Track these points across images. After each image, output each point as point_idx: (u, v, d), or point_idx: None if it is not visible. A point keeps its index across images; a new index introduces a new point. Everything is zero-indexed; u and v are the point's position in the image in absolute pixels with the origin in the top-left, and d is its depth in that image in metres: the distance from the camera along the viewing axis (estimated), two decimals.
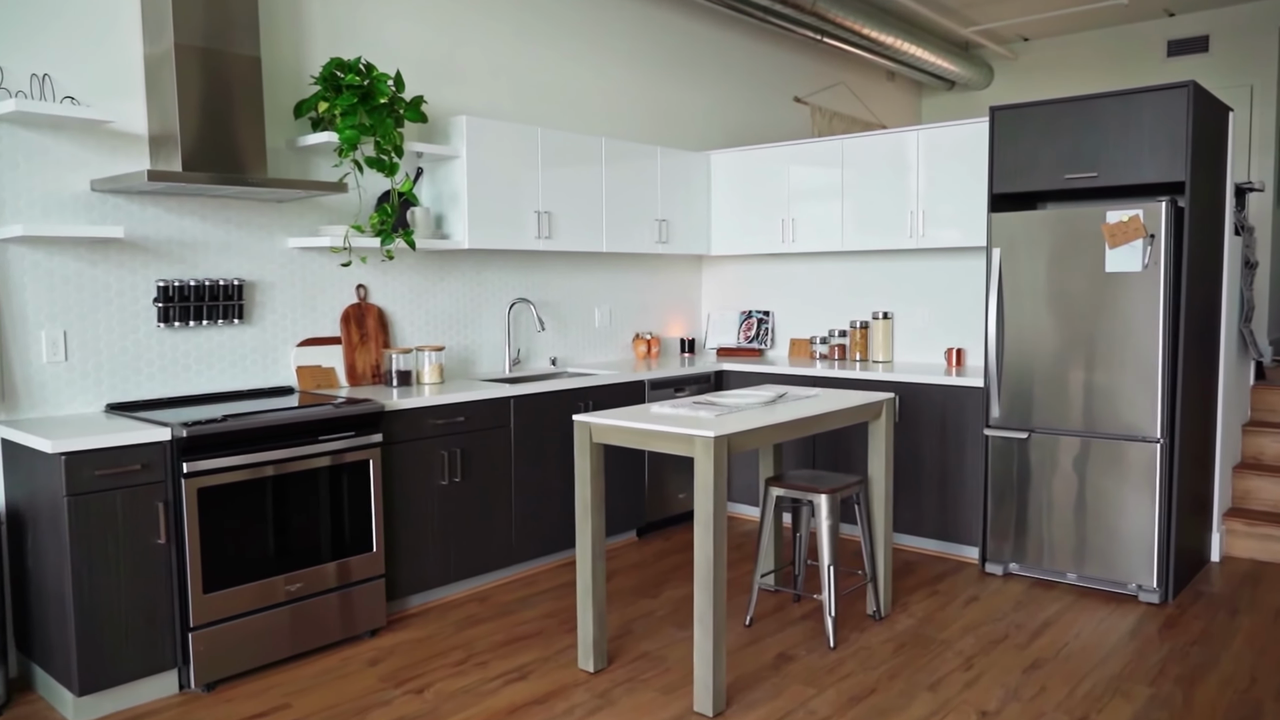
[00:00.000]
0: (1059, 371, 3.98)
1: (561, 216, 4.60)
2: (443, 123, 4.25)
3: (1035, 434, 4.06)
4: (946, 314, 4.96)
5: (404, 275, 4.32)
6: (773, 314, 5.65)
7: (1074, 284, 3.92)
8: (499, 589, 4.05)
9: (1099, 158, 3.90)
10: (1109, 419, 3.88)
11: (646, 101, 5.53)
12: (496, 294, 4.73)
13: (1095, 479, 3.93)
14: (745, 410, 3.22)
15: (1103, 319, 3.86)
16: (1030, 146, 4.06)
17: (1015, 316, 4.09)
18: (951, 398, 4.37)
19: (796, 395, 3.65)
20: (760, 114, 6.39)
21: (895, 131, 4.78)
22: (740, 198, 5.40)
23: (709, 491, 2.80)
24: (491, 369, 4.72)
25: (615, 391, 4.56)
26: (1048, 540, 4.05)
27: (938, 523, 4.46)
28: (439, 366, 4.19)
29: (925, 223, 4.69)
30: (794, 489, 3.46)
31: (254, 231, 3.77)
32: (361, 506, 3.47)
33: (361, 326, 4.12)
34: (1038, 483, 4.07)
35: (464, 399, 3.85)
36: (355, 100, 3.66)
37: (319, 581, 3.35)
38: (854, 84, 7.35)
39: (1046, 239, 3.98)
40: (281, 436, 3.22)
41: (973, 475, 4.34)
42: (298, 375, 3.90)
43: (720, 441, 2.82)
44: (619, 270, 5.39)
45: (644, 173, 5.05)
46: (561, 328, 5.08)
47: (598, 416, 3.14)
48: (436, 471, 3.79)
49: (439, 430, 3.79)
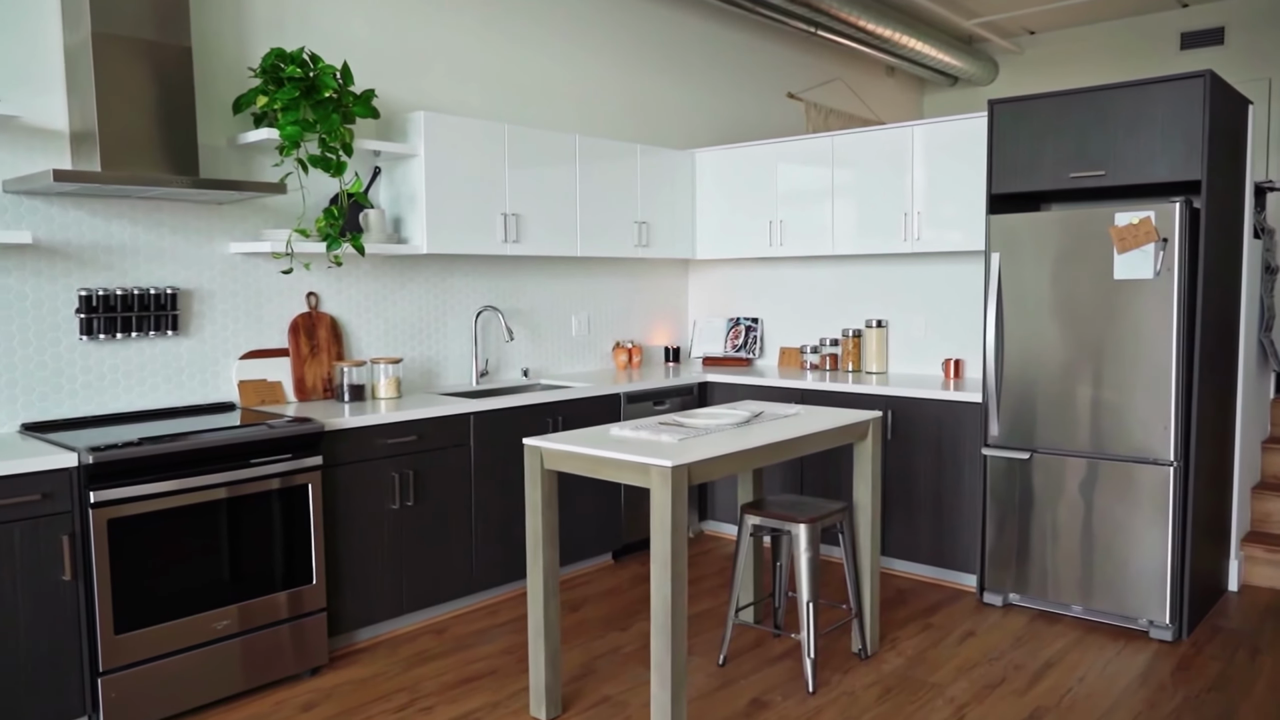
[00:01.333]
0: (1063, 387, 3.67)
1: (531, 219, 4.31)
2: (401, 119, 3.97)
3: (1038, 454, 3.75)
4: (945, 322, 4.65)
5: (360, 282, 4.04)
6: (762, 321, 5.35)
7: (1080, 292, 3.61)
8: (458, 620, 3.77)
9: (1107, 155, 3.59)
10: (1118, 439, 3.56)
11: (627, 97, 5.24)
12: (463, 301, 4.45)
13: (1103, 504, 3.61)
14: (713, 434, 2.93)
15: (1111, 330, 3.55)
16: (1032, 143, 3.75)
17: (1016, 327, 3.78)
18: (947, 413, 4.06)
19: (775, 414, 3.35)
20: (751, 111, 6.09)
21: (890, 128, 4.47)
22: (726, 198, 5.11)
23: (665, 528, 2.50)
24: (458, 381, 4.44)
25: (588, 405, 4.27)
26: (1051, 570, 3.74)
27: (933, 548, 4.16)
28: (396, 380, 3.90)
29: (922, 225, 4.38)
30: (771, 517, 3.16)
31: (191, 236, 3.50)
32: (300, 535, 3.18)
33: (312, 337, 3.84)
34: (1040, 507, 3.76)
35: (417, 416, 3.57)
36: (297, 94, 3.38)
37: (250, 618, 3.07)
38: (851, 80, 7.04)
39: (1050, 243, 3.67)
40: (205, 461, 2.94)
41: (970, 498, 4.03)
42: (240, 391, 3.62)
43: (679, 472, 2.52)
44: (598, 275, 5.10)
45: (622, 172, 4.76)
46: (535, 337, 4.80)
47: (549, 440, 2.85)
48: (387, 495, 3.51)
49: (389, 450, 3.50)
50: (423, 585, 3.65)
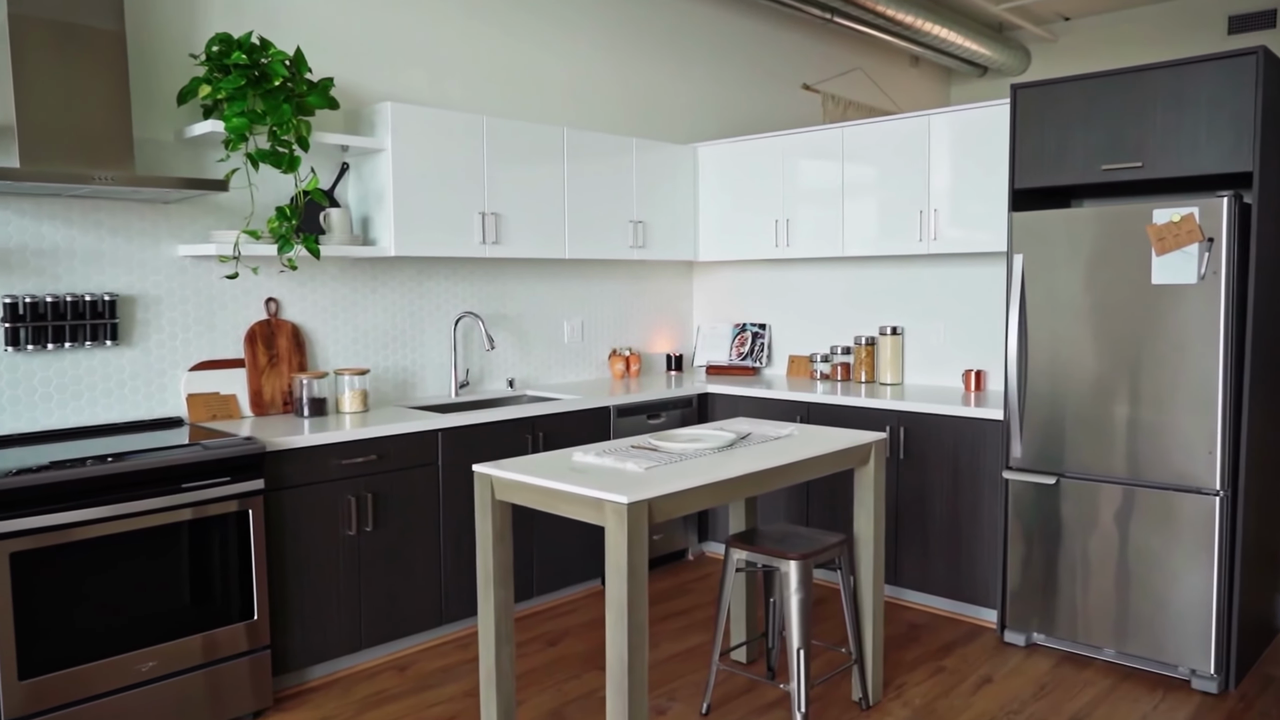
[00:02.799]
0: (1094, 405, 3.28)
1: (513, 219, 4.00)
2: (369, 112, 3.68)
3: (1066, 480, 3.37)
4: (965, 330, 4.27)
5: (326, 286, 3.75)
6: (769, 327, 5.00)
7: (1113, 298, 3.22)
8: (424, 654, 3.46)
9: (1144, 144, 3.19)
10: (1156, 464, 3.17)
11: (624, 89, 4.91)
12: (442, 307, 4.14)
13: (1139, 536, 3.22)
14: (688, 461, 2.59)
15: (1149, 341, 3.16)
16: (1060, 132, 3.37)
17: (1041, 337, 3.40)
18: (966, 431, 3.68)
19: (765, 435, 3.00)
20: (761, 103, 5.73)
21: (905, 117, 4.10)
22: (730, 196, 4.76)
23: (621, 572, 2.17)
24: (437, 393, 4.14)
25: (573, 420, 3.95)
26: (1081, 608, 3.35)
27: (950, 579, 3.78)
28: (362, 393, 3.61)
29: (940, 224, 4.00)
30: (759, 552, 2.82)
31: (134, 238, 3.23)
32: (239, 566, 2.90)
33: (271, 347, 3.56)
34: (1069, 538, 3.37)
35: (376, 433, 3.27)
36: (243, 83, 3.09)
37: (180, 658, 2.78)
38: (873, 70, 6.65)
39: (1079, 243, 3.28)
40: (126, 486, 2.66)
41: (991, 525, 3.65)
42: (189, 405, 3.35)
43: (637, 509, 2.19)
44: (592, 278, 4.78)
45: (616, 168, 4.43)
46: (523, 345, 4.48)
47: (500, 468, 2.53)
48: (342, 520, 3.21)
49: (345, 471, 3.21)
50: (384, 618, 3.35)
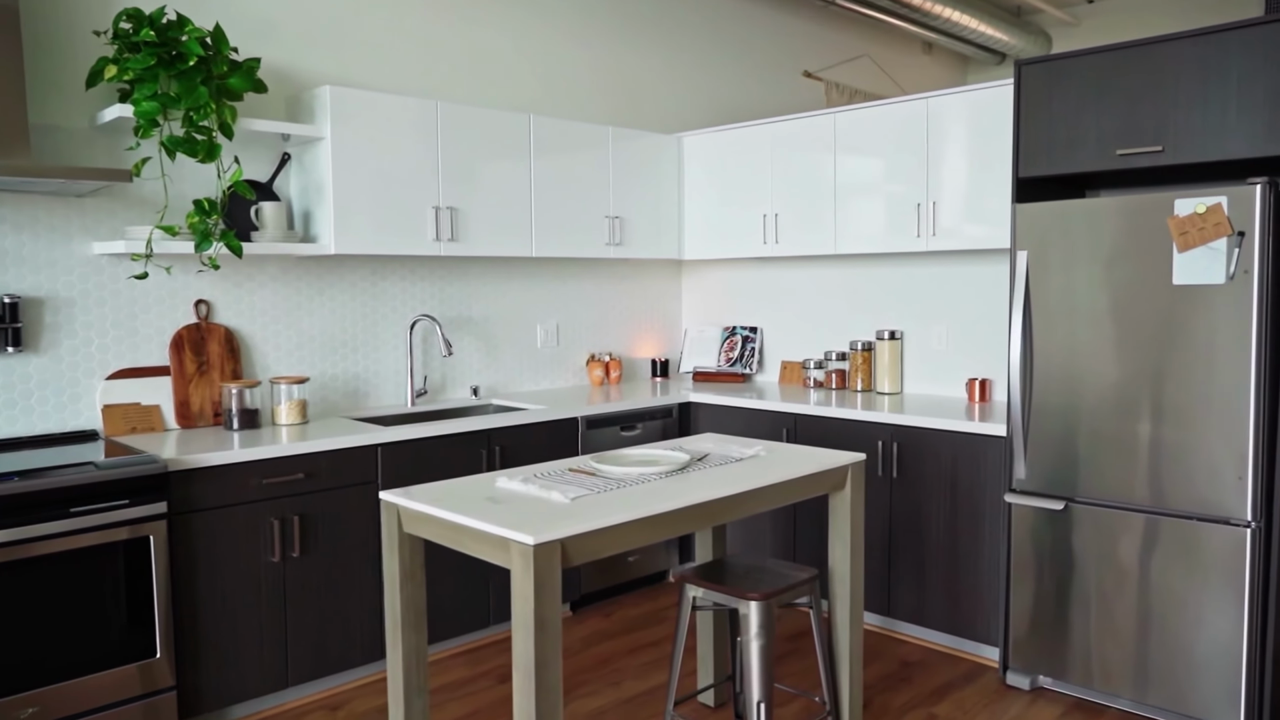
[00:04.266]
0: (1108, 422, 2.90)
1: (471, 214, 3.68)
2: (309, 97, 3.38)
3: (1075, 505, 2.99)
4: (969, 334, 3.89)
5: (266, 287, 3.45)
6: (761, 331, 4.64)
7: (1129, 300, 2.84)
8: (360, 692, 3.15)
9: (1165, 125, 2.81)
10: (1179, 490, 2.78)
11: (602, 74, 4.57)
12: (399, 309, 3.84)
13: (1160, 572, 2.84)
14: (630, 487, 2.25)
15: (1170, 349, 2.78)
16: (1070, 113, 2.99)
17: (1048, 344, 3.02)
18: (965, 447, 3.31)
19: (727, 456, 2.66)
20: (756, 91, 5.37)
21: (903, 101, 3.73)
22: (717, 189, 4.41)
23: (527, 625, 1.84)
24: (393, 403, 3.83)
25: (538, 432, 3.62)
26: (1094, 650, 2.97)
27: (948, 612, 3.41)
28: (300, 403, 3.31)
29: (939, 218, 3.63)
30: (715, 589, 2.47)
31: (41, 234, 2.95)
32: (138, 598, 2.60)
33: (200, 353, 3.27)
34: (1081, 571, 2.99)
35: (305, 449, 2.96)
36: (153, 62, 2.80)
37: (67, 703, 2.49)
38: (882, 57, 6.27)
39: (1091, 238, 2.91)
40: (3, 512, 2.37)
41: (993, 553, 3.28)
42: (105, 417, 3.06)
43: (546, 551, 1.86)
44: (569, 278, 4.45)
45: (591, 159, 4.10)
46: (490, 350, 4.16)
47: (408, 496, 2.20)
48: (264, 546, 2.91)
49: (269, 491, 2.91)
50: (314, 652, 3.05)
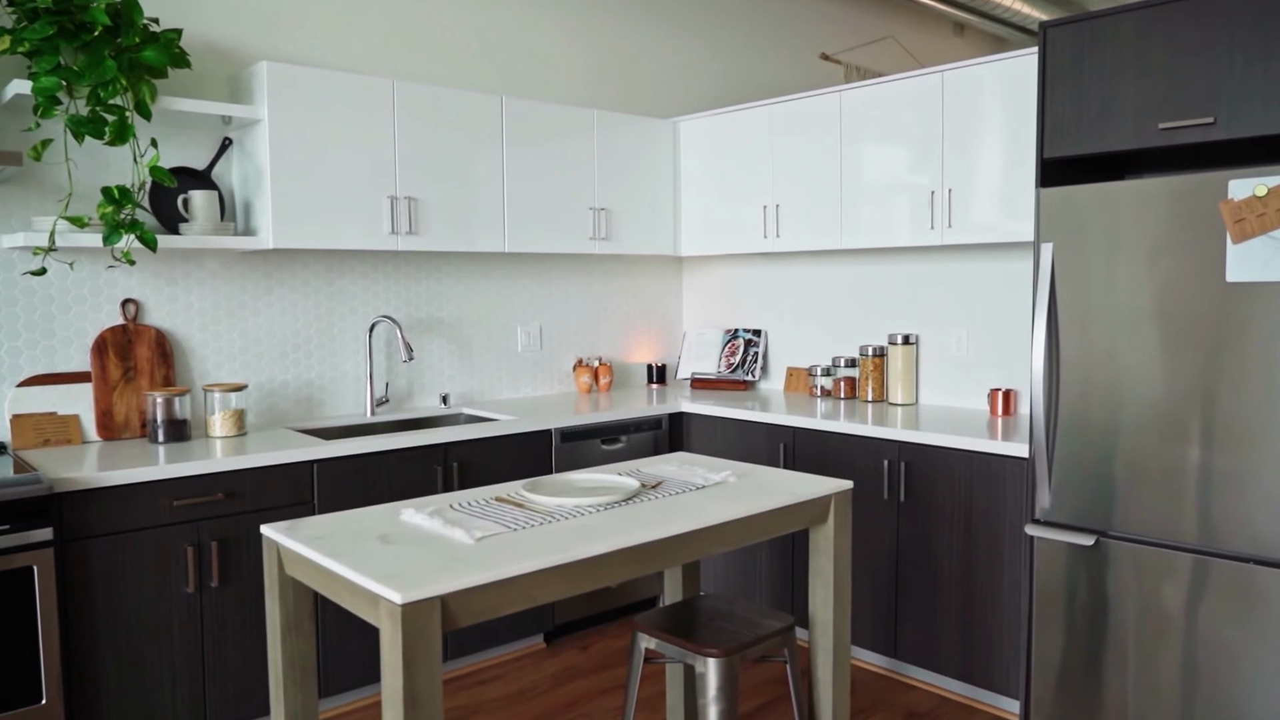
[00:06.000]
0: (1149, 442, 2.46)
1: (434, 205, 3.34)
2: (246, 74, 3.06)
3: (1108, 541, 2.55)
4: (993, 339, 3.46)
5: (205, 285, 3.15)
6: (766, 334, 4.24)
7: (1175, 300, 2.40)
8: None
9: (1218, 93, 2.37)
10: (1234, 526, 2.34)
11: (589, 52, 4.20)
12: (359, 309, 3.51)
13: (1208, 622, 2.39)
14: (557, 523, 1.88)
15: (1224, 358, 2.33)
16: (1104, 82, 2.55)
17: (1077, 351, 2.59)
18: (982, 469, 2.89)
19: (688, 482, 2.28)
20: (769, 75, 4.96)
21: (914, 75, 3.31)
22: (713, 178, 4.02)
23: (395, 702, 1.48)
24: (352, 411, 3.51)
25: (504, 446, 3.27)
26: (1131, 709, 2.53)
27: (962, 657, 2.99)
28: (236, 413, 2.99)
29: (954, 207, 3.21)
30: (669, 641, 2.09)
31: None
32: (21, 636, 2.29)
33: (127, 358, 2.97)
34: (1116, 618, 2.55)
35: (227, 466, 2.64)
36: (53, 31, 2.50)
37: None
38: (907, 39, 5.82)
39: (1129, 227, 2.47)
40: None
41: (1014, 591, 2.85)
42: (13, 428, 2.77)
43: (418, 614, 1.49)
44: (554, 276, 4.09)
45: (572, 145, 3.74)
46: (465, 354, 3.82)
47: (290, 531, 1.85)
48: (177, 575, 2.59)
49: (183, 514, 2.59)
50: (237, 693, 2.72)
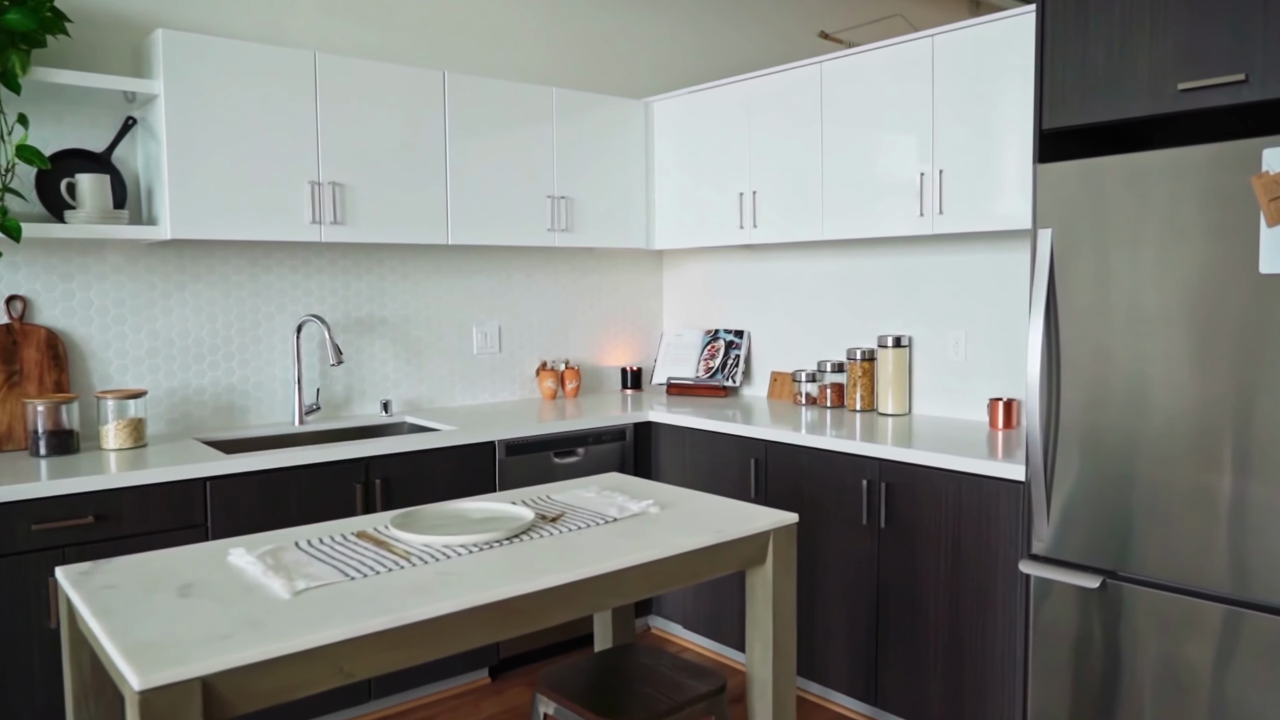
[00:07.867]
0: (1167, 466, 2.06)
1: (364, 191, 3.01)
2: (144, 45, 2.75)
3: (1118, 583, 2.15)
4: (993, 342, 3.05)
5: (107, 280, 2.84)
6: (748, 335, 3.86)
7: (1198, 295, 2.00)
8: None
9: (1250, 46, 1.96)
10: (1268, 569, 1.93)
11: (551, 27, 3.84)
12: (287, 307, 3.19)
13: (1243, 682, 1.98)
14: (401, 572, 1.53)
15: (1259, 365, 1.92)
16: (1113, 39, 2.15)
17: (1081, 356, 2.19)
18: (973, 493, 2.49)
19: (597, 514, 1.91)
20: (761, 54, 4.57)
21: (900, 41, 2.92)
22: (688, 164, 3.65)
23: None
24: (279, 420, 3.19)
25: (439, 461, 2.92)
26: None
27: (950, 709, 2.59)
28: (133, 423, 2.68)
29: (945, 192, 2.81)
30: (570, 708, 1.73)
31: None
32: None
33: (10, 361, 2.67)
34: (1128, 673, 2.15)
35: (97, 486, 2.32)
36: None
37: None
38: (917, 16, 5.40)
39: (1141, 209, 2.07)
40: None
41: (1009, 636, 2.45)
42: None
43: (161, 700, 1.14)
44: (514, 272, 3.74)
45: (527, 127, 3.39)
46: (412, 357, 3.49)
47: (80, 579, 1.52)
48: (36, 609, 2.28)
49: (42, 540, 2.27)
50: None
